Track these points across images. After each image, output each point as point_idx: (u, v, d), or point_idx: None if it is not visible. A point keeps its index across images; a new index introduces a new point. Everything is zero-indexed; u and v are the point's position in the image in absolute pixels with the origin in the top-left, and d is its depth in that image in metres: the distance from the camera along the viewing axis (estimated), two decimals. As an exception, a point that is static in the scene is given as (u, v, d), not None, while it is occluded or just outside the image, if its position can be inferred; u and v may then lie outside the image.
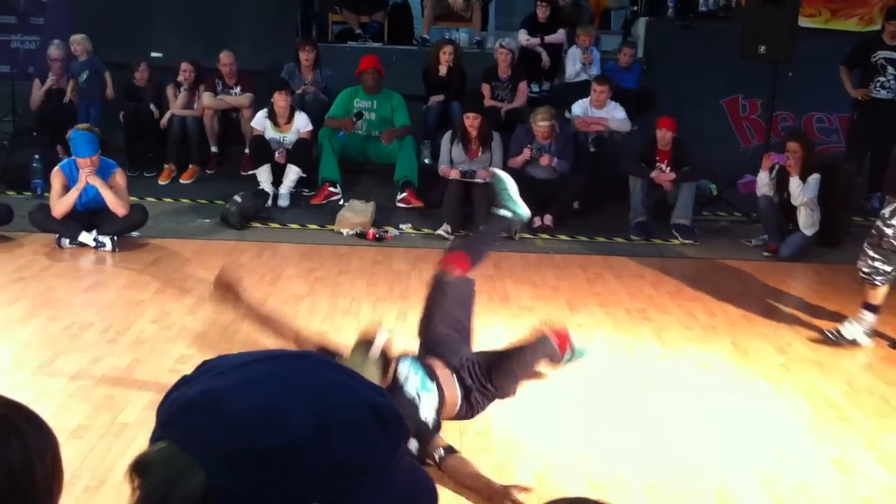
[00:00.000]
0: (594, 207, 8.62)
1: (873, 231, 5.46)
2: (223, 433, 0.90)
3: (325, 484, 0.91)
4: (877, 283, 5.45)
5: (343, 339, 5.17)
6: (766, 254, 7.68)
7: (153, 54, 9.79)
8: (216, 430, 0.91)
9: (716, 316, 6.05)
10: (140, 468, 0.93)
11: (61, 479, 1.40)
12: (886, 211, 5.38)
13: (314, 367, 0.99)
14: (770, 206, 7.76)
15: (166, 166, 9.19)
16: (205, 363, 1.03)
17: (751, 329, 5.82)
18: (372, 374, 3.79)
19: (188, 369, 1.04)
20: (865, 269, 5.46)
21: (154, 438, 0.97)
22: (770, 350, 5.45)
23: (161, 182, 9.07)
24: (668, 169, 8.28)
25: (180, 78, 9.29)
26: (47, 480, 1.36)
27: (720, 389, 4.86)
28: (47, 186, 7.58)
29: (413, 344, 4.92)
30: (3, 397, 1.39)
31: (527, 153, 8.29)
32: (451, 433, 4.16)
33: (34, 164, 8.50)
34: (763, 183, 7.78)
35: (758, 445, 4.20)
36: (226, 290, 4.26)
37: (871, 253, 5.42)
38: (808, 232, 7.59)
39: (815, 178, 7.53)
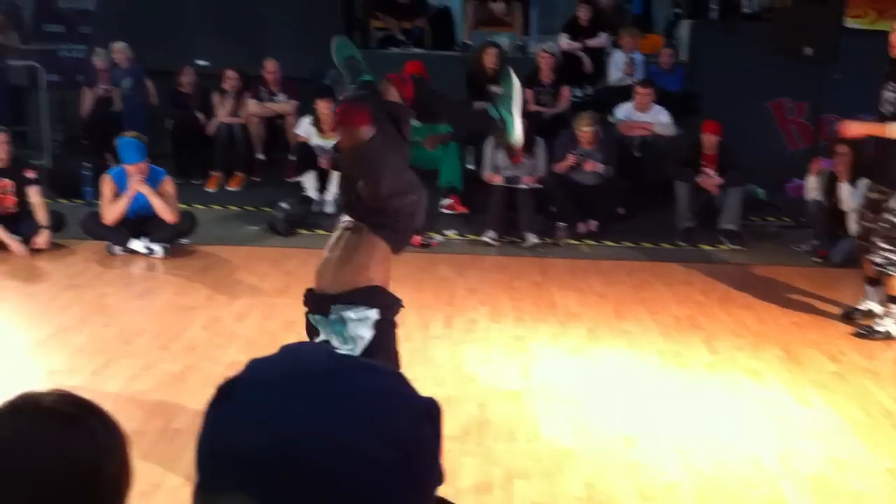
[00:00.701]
0: (639, 212, 8.57)
1: (884, 224, 5.54)
2: (308, 488, 0.84)
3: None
4: (891, 273, 5.55)
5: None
6: (816, 259, 7.59)
7: (198, 62, 9.90)
8: (300, 486, 0.84)
9: (766, 323, 5.99)
10: None
11: (130, 478, 1.43)
12: (892, 202, 5.50)
13: (366, 379, 0.92)
14: (819, 210, 7.67)
15: (213, 174, 9.29)
16: (241, 378, 0.97)
17: (802, 337, 5.75)
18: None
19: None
20: (878, 261, 5.59)
21: (214, 487, 0.89)
22: (822, 358, 5.39)
23: (209, 189, 9.17)
24: (714, 173, 8.21)
25: (225, 85, 9.38)
26: (115, 479, 1.38)
27: (772, 398, 4.82)
28: (97, 194, 7.69)
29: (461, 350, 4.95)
30: (76, 397, 1.43)
31: (571, 159, 8.26)
32: (500, 442, 4.16)
33: (84, 172, 8.63)
34: (812, 187, 7.69)
35: (812, 454, 4.16)
36: None
37: (882, 245, 5.53)
38: (859, 237, 7.49)
39: (864, 183, 7.41)
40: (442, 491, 0.94)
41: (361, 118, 3.38)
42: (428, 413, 0.94)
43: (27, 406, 1.38)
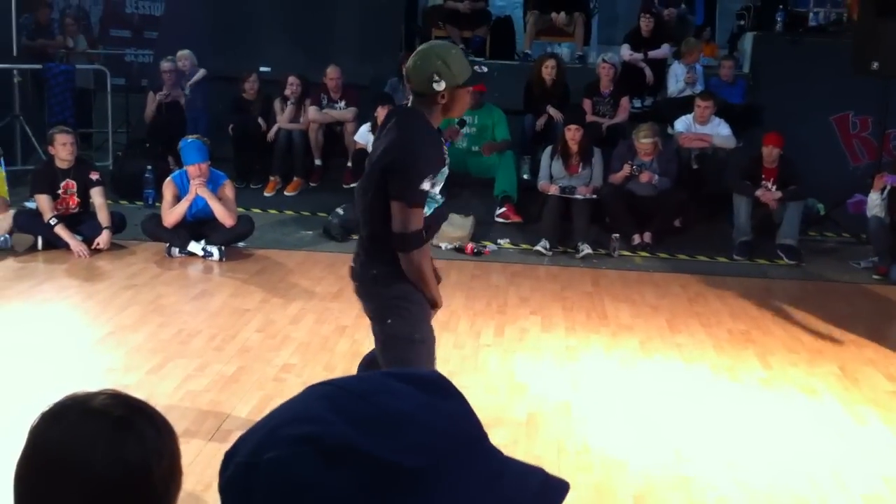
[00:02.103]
0: (696, 225, 8.49)
1: None
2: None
3: None
4: None
5: (441, 353, 5.23)
6: (875, 277, 7.45)
7: (262, 68, 10.04)
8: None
9: (822, 340, 5.89)
10: None
11: (180, 479, 1.45)
12: None
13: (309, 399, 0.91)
14: (881, 227, 7.53)
15: (272, 178, 9.41)
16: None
17: (859, 354, 5.65)
18: None
19: (291, 378, 1.01)
20: None
21: None
22: (879, 377, 5.29)
23: (266, 194, 9.28)
24: (774, 187, 8.10)
25: (287, 92, 9.49)
26: (164, 481, 1.40)
27: (826, 415, 4.74)
28: (158, 197, 7.85)
29: (512, 359, 4.95)
30: (126, 397, 1.44)
31: (626, 170, 8.22)
32: (549, 453, 4.15)
33: (146, 175, 8.80)
34: (874, 203, 7.55)
35: (865, 472, 4.08)
36: None
37: None
38: (921, 254, 7.34)
39: (928, 199, 7.28)
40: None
41: None
42: (316, 441, 0.87)
43: (76, 407, 1.39)
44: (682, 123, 8.93)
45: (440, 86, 3.34)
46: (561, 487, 0.90)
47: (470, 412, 0.93)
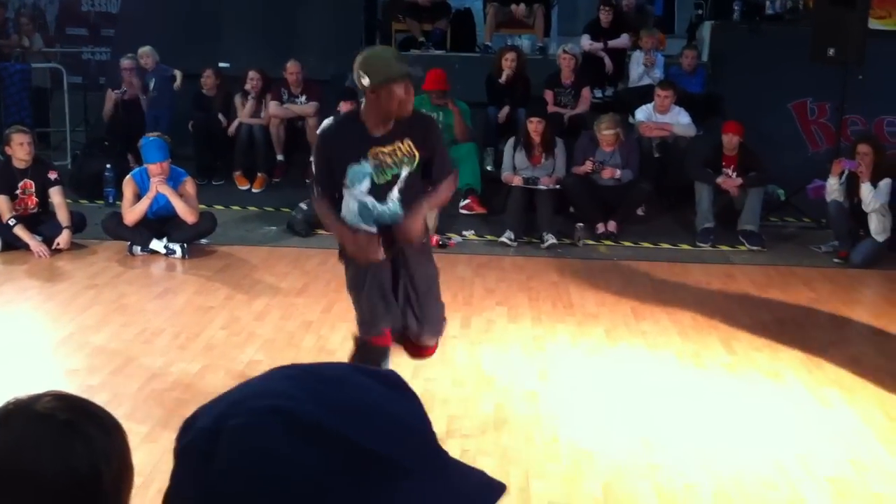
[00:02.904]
0: (659, 214, 8.54)
1: None
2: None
3: (211, 489, 0.86)
4: None
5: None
6: (836, 260, 7.54)
7: (220, 64, 9.96)
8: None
9: (785, 324, 5.95)
10: None
11: (131, 477, 1.40)
12: None
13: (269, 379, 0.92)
14: (840, 211, 7.62)
15: (236, 173, 9.35)
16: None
17: (822, 337, 5.71)
18: None
19: (257, 374, 1.01)
20: None
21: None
22: (842, 358, 5.34)
23: (241, 187, 9.27)
24: (735, 174, 8.17)
25: (247, 86, 9.42)
26: (115, 483, 1.35)
27: (791, 399, 4.79)
28: (119, 195, 7.75)
29: (479, 350, 4.96)
30: (71, 398, 1.36)
31: (588, 165, 8.23)
32: (517, 443, 4.16)
33: (106, 174, 8.70)
34: (833, 188, 7.64)
35: (831, 456, 4.13)
36: None
37: None
38: (880, 238, 7.43)
39: (886, 183, 7.38)
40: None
41: None
42: (283, 413, 0.88)
43: (19, 412, 1.31)
44: (642, 113, 8.98)
45: (365, 81, 3.69)
46: (500, 488, 0.92)
47: (424, 412, 0.94)
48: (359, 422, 0.85)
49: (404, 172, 3.87)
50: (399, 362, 4.47)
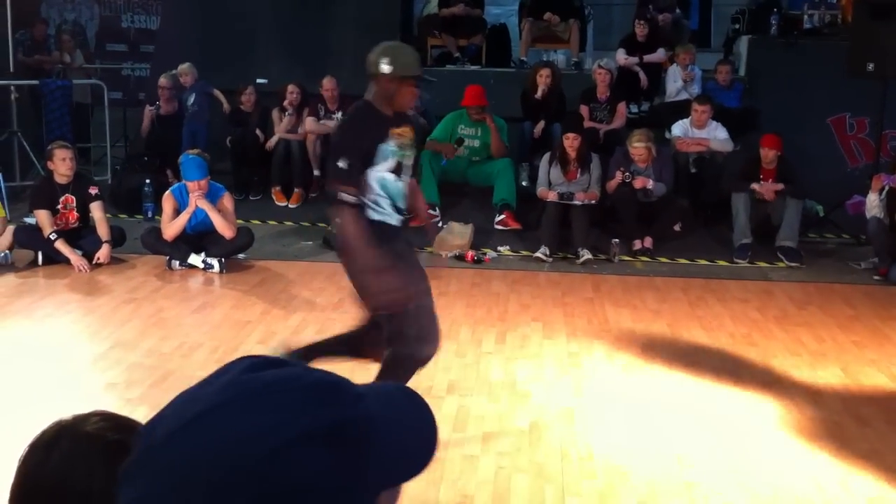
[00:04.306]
0: (695, 229, 8.49)
1: None
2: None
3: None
4: None
5: (442, 362, 5.24)
6: (876, 277, 7.46)
7: (258, 80, 10.06)
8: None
9: (824, 342, 5.89)
10: None
11: None
12: None
13: (253, 416, 0.97)
14: (880, 228, 7.54)
15: (275, 188, 9.42)
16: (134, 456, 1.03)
17: (861, 356, 5.64)
18: None
19: None
20: None
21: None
22: (882, 377, 5.28)
23: (279, 203, 9.32)
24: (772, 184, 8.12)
25: (286, 102, 9.50)
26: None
27: (830, 418, 4.73)
28: (158, 210, 7.85)
29: (514, 366, 4.95)
30: (119, 418, 1.39)
31: (619, 177, 8.21)
32: (552, 460, 4.15)
33: (145, 189, 8.81)
34: (873, 204, 7.56)
35: (872, 476, 4.07)
36: None
37: None
38: (921, 255, 7.35)
39: (927, 199, 7.29)
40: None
41: None
42: (326, 437, 0.94)
43: (67, 433, 1.33)
44: (679, 128, 8.95)
45: (387, 68, 3.87)
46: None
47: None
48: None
49: (411, 154, 4.07)
50: (436, 378, 4.45)
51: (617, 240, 7.95)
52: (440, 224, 8.37)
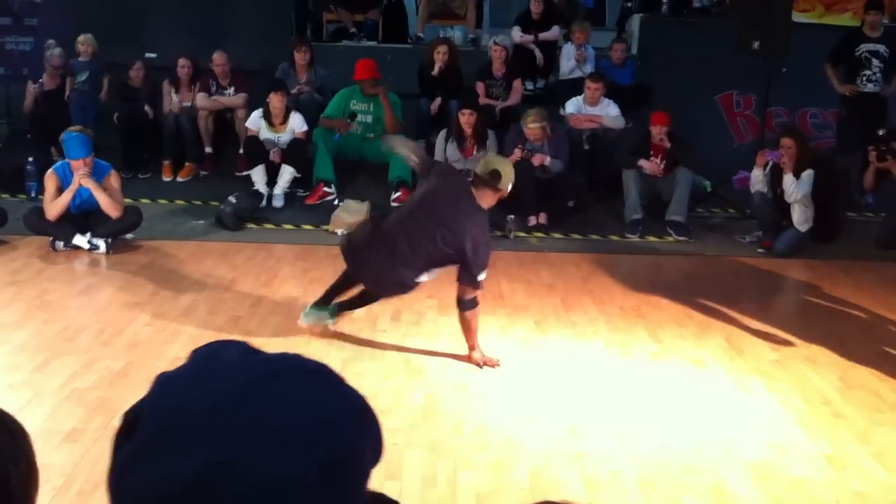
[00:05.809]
0: (589, 206, 8.61)
1: None
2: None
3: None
4: None
5: (336, 341, 5.21)
6: (760, 250, 7.69)
7: (147, 55, 9.78)
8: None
9: (710, 313, 6.05)
10: None
11: (37, 478, 1.38)
12: None
13: (287, 390, 0.93)
14: (764, 202, 7.77)
15: (165, 163, 9.19)
16: (151, 404, 0.97)
17: (745, 326, 5.82)
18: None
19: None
20: None
21: None
22: (764, 346, 5.46)
23: (165, 178, 9.09)
24: (663, 164, 8.27)
25: (177, 73, 9.27)
26: (23, 485, 1.33)
27: (714, 386, 4.87)
28: (41, 189, 7.56)
29: (409, 344, 4.95)
30: None
31: (517, 153, 8.25)
32: (446, 434, 4.17)
33: (28, 167, 8.48)
34: (757, 179, 7.78)
35: (752, 441, 4.22)
36: None
37: None
38: (802, 228, 7.59)
39: (808, 175, 7.53)
40: (388, 485, 0.94)
41: None
42: (355, 414, 0.96)
43: None
44: (572, 105, 9.04)
45: (507, 188, 5.08)
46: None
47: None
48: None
49: None
50: (330, 356, 4.43)
51: (512, 216, 8.00)
52: (336, 202, 8.32)
